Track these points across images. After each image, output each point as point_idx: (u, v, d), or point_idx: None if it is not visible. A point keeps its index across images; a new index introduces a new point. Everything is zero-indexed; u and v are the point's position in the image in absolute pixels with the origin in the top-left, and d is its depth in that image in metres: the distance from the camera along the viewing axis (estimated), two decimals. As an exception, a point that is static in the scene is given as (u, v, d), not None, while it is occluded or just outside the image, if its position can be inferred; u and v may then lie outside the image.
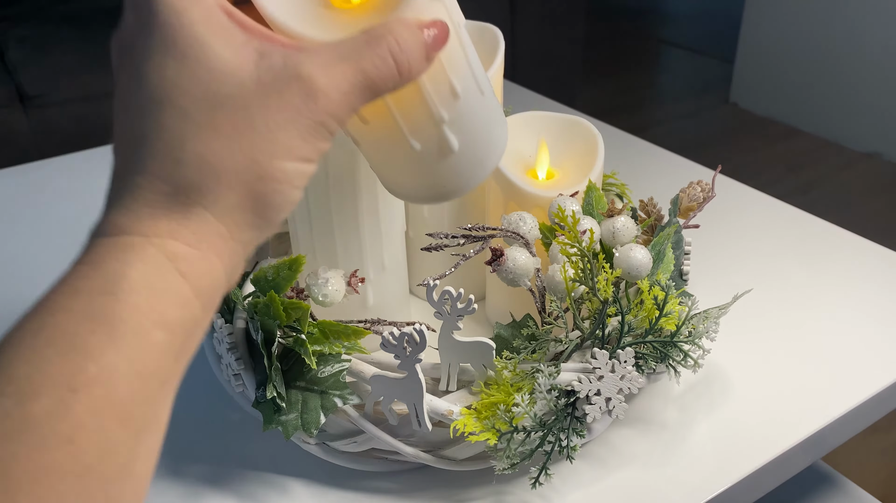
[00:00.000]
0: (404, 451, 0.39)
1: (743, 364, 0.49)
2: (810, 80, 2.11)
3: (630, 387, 0.38)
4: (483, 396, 0.37)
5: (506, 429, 0.36)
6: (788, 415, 0.45)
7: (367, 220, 0.44)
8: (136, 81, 0.25)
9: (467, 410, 0.37)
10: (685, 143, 2.09)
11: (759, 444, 0.43)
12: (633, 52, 2.83)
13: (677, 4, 3.30)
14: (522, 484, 0.41)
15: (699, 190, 0.47)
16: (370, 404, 0.38)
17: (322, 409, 0.37)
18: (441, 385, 0.39)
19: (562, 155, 0.49)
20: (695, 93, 2.45)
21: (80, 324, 0.22)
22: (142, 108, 0.25)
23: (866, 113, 2.01)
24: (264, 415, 0.38)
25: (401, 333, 0.35)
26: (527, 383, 0.37)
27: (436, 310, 0.36)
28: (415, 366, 0.35)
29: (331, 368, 0.38)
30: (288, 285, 0.38)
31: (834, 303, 0.55)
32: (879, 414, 0.49)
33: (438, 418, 0.37)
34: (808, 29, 2.07)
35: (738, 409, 0.46)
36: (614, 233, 0.43)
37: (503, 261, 0.39)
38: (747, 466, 0.42)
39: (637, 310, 0.40)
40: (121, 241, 0.24)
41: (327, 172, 0.43)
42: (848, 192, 1.87)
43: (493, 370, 0.38)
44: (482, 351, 0.37)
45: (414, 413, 0.37)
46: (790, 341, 0.52)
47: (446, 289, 0.36)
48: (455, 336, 0.37)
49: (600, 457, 0.43)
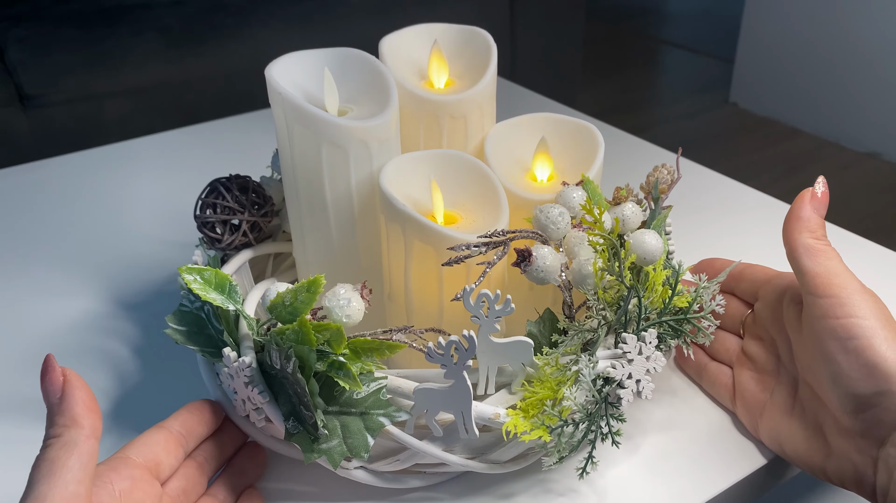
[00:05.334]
0: (452, 462, 0.38)
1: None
2: (810, 80, 2.11)
3: (656, 367, 0.39)
4: (527, 394, 0.38)
5: (556, 424, 0.37)
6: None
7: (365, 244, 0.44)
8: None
9: (513, 411, 0.37)
10: (685, 143, 2.08)
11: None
12: (633, 52, 2.83)
13: (677, 4, 3.30)
14: (563, 471, 0.42)
15: (665, 173, 0.48)
16: (413, 419, 0.37)
17: (368, 431, 0.36)
18: (479, 389, 0.38)
19: (562, 156, 0.49)
20: (695, 93, 2.45)
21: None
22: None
23: (866, 113, 2.01)
24: (303, 446, 0.36)
25: (448, 341, 0.34)
26: (569, 376, 0.38)
27: (472, 314, 0.36)
28: (462, 373, 0.35)
29: (367, 387, 0.37)
30: (307, 308, 0.37)
31: (834, 303, 0.55)
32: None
33: (484, 422, 0.37)
34: (808, 29, 2.07)
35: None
36: (623, 220, 0.44)
37: (532, 260, 0.39)
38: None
39: (650, 293, 0.41)
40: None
41: (325, 182, 0.43)
42: (848, 192, 1.87)
43: (534, 368, 0.38)
44: (522, 350, 0.37)
45: (461, 421, 0.36)
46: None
47: (483, 291, 0.36)
48: (493, 338, 0.37)
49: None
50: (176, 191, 0.74)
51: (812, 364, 0.39)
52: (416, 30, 0.52)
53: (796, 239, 0.40)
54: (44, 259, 0.64)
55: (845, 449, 0.37)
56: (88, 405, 0.32)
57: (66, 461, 0.30)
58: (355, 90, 0.45)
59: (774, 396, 0.42)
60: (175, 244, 0.64)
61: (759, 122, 2.23)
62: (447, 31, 0.52)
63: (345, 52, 0.46)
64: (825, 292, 0.37)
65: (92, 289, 0.59)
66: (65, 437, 0.31)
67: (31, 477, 0.30)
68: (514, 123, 0.51)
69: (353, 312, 0.38)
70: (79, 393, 0.32)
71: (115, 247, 0.65)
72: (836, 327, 0.36)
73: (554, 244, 0.42)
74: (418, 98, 0.47)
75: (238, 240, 0.48)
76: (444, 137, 0.48)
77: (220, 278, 0.39)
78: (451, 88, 0.50)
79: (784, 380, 0.42)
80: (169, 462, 0.36)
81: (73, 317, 0.56)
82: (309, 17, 1.39)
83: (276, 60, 0.44)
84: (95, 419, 0.32)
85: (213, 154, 0.82)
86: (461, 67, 0.51)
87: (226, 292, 0.39)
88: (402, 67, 0.50)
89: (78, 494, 0.29)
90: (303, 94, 0.44)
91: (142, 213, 0.71)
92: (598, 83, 2.47)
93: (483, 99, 0.49)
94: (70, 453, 0.30)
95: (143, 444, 0.36)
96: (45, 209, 0.72)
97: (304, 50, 0.45)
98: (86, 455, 0.31)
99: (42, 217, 0.71)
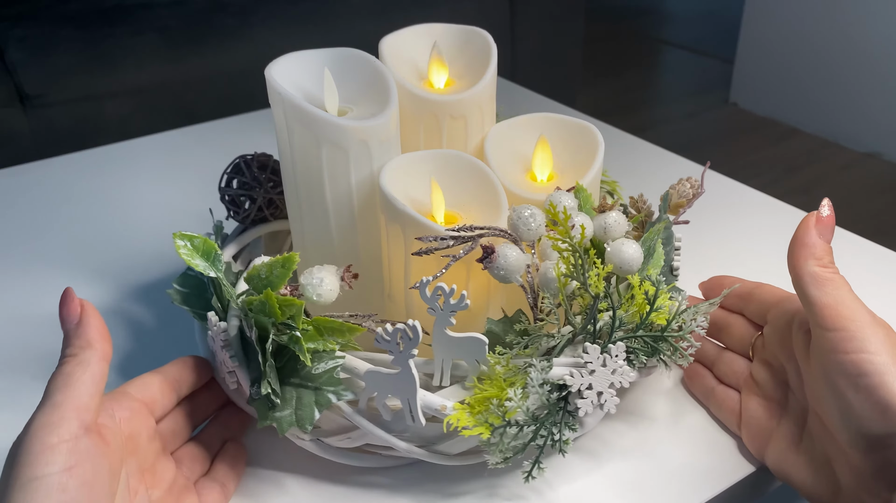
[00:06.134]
0: (398, 446, 0.39)
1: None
2: (810, 80, 2.11)
3: (622, 382, 0.38)
4: (476, 391, 0.38)
5: (499, 424, 0.37)
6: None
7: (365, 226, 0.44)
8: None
9: (460, 405, 0.37)
10: (685, 143, 2.09)
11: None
12: (633, 52, 2.83)
13: (677, 4, 3.30)
14: (515, 477, 0.41)
15: (688, 186, 0.47)
16: (364, 400, 0.38)
17: (316, 405, 0.38)
18: (434, 381, 0.39)
19: (562, 156, 0.49)
20: (695, 93, 2.45)
21: None
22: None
23: (866, 113, 2.01)
24: (259, 412, 0.38)
25: (394, 329, 0.35)
26: (519, 378, 0.38)
27: (429, 306, 0.37)
28: (408, 361, 0.36)
29: (325, 365, 0.38)
30: (281, 283, 0.39)
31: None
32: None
33: (432, 413, 0.38)
34: (808, 29, 2.07)
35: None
36: (606, 228, 0.43)
37: (494, 258, 0.39)
38: (740, 468, 0.42)
39: (628, 305, 0.40)
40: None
41: (323, 170, 0.43)
42: (848, 192, 1.87)
43: (485, 365, 0.38)
44: (475, 346, 0.38)
45: (408, 408, 0.37)
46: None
47: (439, 285, 0.36)
48: (448, 332, 0.37)
49: (592, 451, 0.43)
50: (176, 191, 0.74)
51: (822, 397, 0.37)
52: (416, 30, 0.52)
53: (802, 267, 0.38)
54: (44, 259, 0.64)
55: (856, 488, 0.36)
56: (102, 333, 0.35)
57: (80, 376, 0.33)
58: (355, 90, 0.45)
59: (782, 426, 0.41)
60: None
61: (759, 122, 2.23)
62: (447, 31, 0.52)
63: (345, 53, 0.46)
64: (834, 325, 0.35)
65: (92, 289, 0.59)
66: (80, 356, 0.34)
67: (47, 388, 0.33)
68: (514, 123, 0.51)
69: (325, 292, 0.39)
70: (95, 321, 0.35)
71: (114, 247, 0.65)
72: (845, 363, 0.35)
73: (526, 245, 0.41)
74: (418, 98, 0.47)
75: (254, 213, 0.52)
76: (444, 137, 0.48)
77: (207, 246, 0.41)
78: (451, 88, 0.50)
79: (792, 410, 0.41)
80: (163, 402, 0.39)
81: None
82: (309, 17, 1.39)
83: (275, 60, 0.44)
84: (107, 346, 0.35)
85: (213, 154, 0.82)
86: (461, 67, 0.51)
87: (210, 260, 0.41)
88: (402, 67, 0.50)
89: (90, 407, 0.32)
90: (303, 95, 0.44)
91: (142, 213, 0.71)
92: (598, 83, 2.47)
93: (483, 99, 0.49)
94: (85, 370, 0.33)
95: (141, 384, 0.39)
96: (45, 209, 0.72)
97: (304, 50, 0.45)
98: (98, 374, 0.33)
99: (42, 217, 0.71)
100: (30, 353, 0.52)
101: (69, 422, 0.31)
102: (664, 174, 0.74)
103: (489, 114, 0.50)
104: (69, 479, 0.30)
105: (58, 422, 0.31)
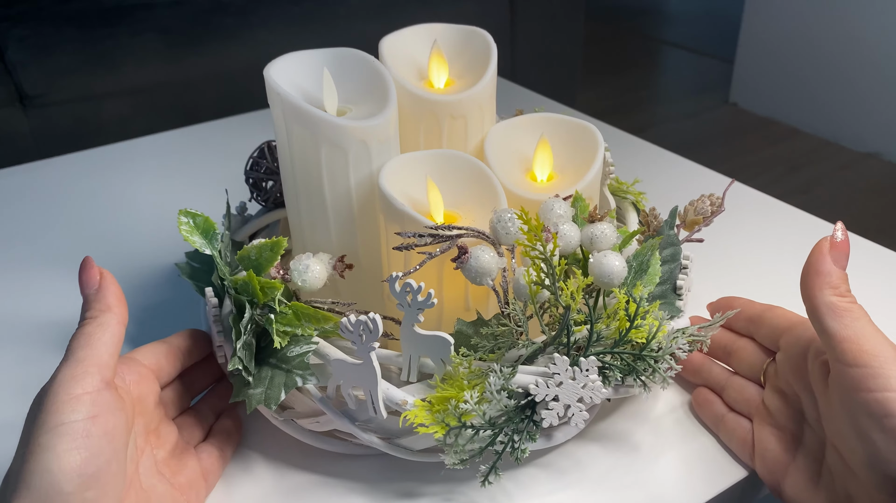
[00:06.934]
0: (359, 435, 0.40)
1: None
2: (810, 80, 2.11)
3: (592, 397, 0.37)
4: (438, 390, 0.38)
5: (454, 425, 0.37)
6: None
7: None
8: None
9: (421, 402, 0.38)
10: (685, 143, 2.09)
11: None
12: (633, 52, 2.83)
13: (677, 4, 3.30)
14: (475, 485, 0.41)
15: (708, 204, 0.46)
16: (332, 387, 0.39)
17: (284, 387, 0.39)
18: (402, 376, 0.39)
19: (562, 156, 0.49)
20: (695, 93, 2.45)
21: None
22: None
23: (866, 113, 2.01)
24: (235, 387, 0.40)
25: (357, 320, 0.36)
26: (481, 381, 0.38)
27: (399, 301, 0.37)
28: (370, 353, 0.36)
29: (299, 348, 0.39)
30: (269, 266, 0.41)
31: (834, 303, 0.55)
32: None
33: (394, 407, 0.38)
34: (808, 29, 2.07)
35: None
36: (592, 239, 0.42)
37: (466, 258, 0.39)
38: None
39: (610, 321, 0.39)
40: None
41: (321, 164, 0.43)
42: (848, 192, 1.87)
43: (450, 365, 0.38)
44: (440, 345, 0.38)
45: (370, 399, 0.38)
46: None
47: (408, 281, 0.36)
48: (416, 328, 0.37)
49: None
50: (176, 191, 0.74)
51: (844, 434, 0.35)
52: (416, 30, 0.52)
53: (817, 297, 0.35)
54: (44, 259, 0.64)
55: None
56: (120, 298, 0.37)
57: (101, 336, 0.35)
58: (354, 90, 0.45)
59: (798, 460, 0.39)
60: (175, 244, 0.64)
61: (759, 122, 2.23)
62: (447, 31, 0.52)
63: (344, 53, 0.46)
64: (856, 361, 0.33)
65: (91, 289, 0.59)
66: (99, 319, 0.36)
67: (69, 346, 0.35)
68: (514, 123, 0.51)
69: (310, 278, 0.41)
70: (113, 287, 0.37)
71: (114, 246, 0.65)
72: (869, 402, 0.32)
73: (505, 248, 0.41)
74: (418, 98, 0.47)
75: (273, 197, 0.55)
76: (444, 137, 0.48)
77: (207, 224, 0.43)
78: (451, 88, 0.50)
79: (809, 442, 0.39)
80: (168, 370, 0.41)
81: (72, 318, 0.56)
82: (309, 17, 1.39)
83: (274, 61, 0.44)
84: (124, 310, 0.37)
85: (213, 154, 0.82)
86: (461, 67, 0.51)
87: (208, 237, 0.42)
88: (402, 67, 0.50)
89: (109, 364, 0.34)
90: (302, 95, 0.44)
91: (142, 213, 0.71)
92: (598, 83, 2.47)
93: (483, 99, 0.49)
94: (105, 331, 0.35)
95: (148, 351, 0.40)
96: (45, 209, 0.72)
97: (303, 50, 0.45)
98: (116, 335, 0.36)
99: (42, 217, 0.71)
100: (29, 354, 0.52)
101: (92, 376, 0.33)
102: (664, 174, 0.74)
103: (489, 114, 0.50)
104: (92, 426, 0.32)
105: (81, 376, 0.33)
